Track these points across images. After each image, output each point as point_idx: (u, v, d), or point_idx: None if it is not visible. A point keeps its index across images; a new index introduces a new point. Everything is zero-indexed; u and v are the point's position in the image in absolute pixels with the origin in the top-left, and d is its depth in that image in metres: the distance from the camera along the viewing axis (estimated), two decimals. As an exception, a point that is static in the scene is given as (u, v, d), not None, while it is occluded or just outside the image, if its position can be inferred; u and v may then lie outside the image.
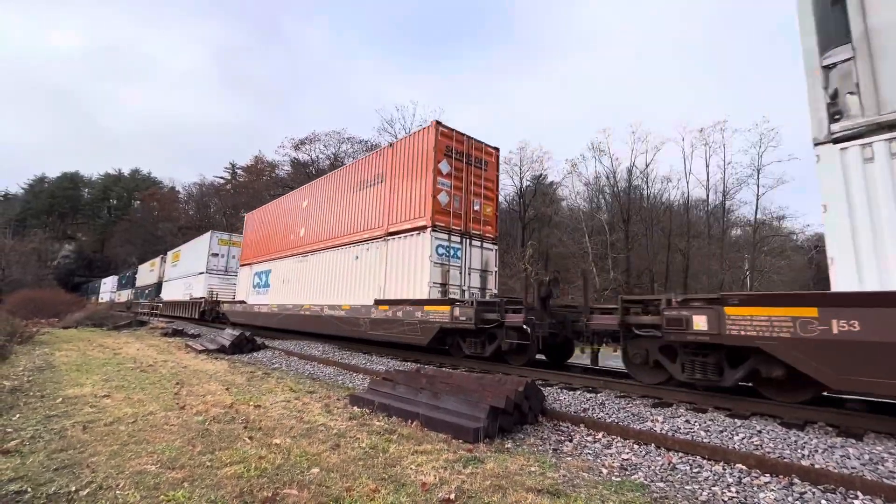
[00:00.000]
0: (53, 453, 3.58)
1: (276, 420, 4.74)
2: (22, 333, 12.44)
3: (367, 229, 11.10)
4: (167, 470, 3.24)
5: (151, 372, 7.82)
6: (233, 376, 7.66)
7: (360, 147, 41.94)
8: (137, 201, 73.65)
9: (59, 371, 7.75)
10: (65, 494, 2.83)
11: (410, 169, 10.06)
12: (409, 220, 9.77)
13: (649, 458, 3.87)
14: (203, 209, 61.42)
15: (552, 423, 4.90)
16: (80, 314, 22.28)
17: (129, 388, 6.34)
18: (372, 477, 3.19)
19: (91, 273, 66.55)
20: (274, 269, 15.76)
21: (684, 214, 35.62)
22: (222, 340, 11.89)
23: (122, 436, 4.05)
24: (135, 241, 61.34)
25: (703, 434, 4.27)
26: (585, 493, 3.05)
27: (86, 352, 10.60)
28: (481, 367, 7.95)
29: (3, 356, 8.84)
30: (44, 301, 25.02)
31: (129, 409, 5.08)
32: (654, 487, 3.25)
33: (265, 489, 2.92)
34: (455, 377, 5.42)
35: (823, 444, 3.86)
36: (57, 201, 76.30)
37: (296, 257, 14.31)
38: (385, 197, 10.71)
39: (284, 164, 48.91)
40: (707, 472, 3.52)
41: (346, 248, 11.82)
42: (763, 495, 3.09)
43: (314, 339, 13.80)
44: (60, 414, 4.83)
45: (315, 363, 9.64)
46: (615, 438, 4.37)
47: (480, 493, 2.95)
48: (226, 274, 23.78)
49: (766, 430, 4.24)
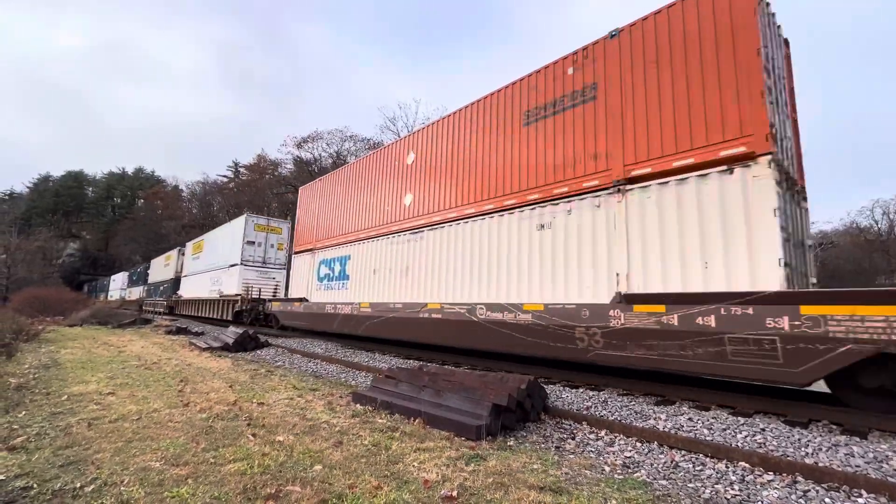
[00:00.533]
0: (59, 450, 3.60)
1: (279, 417, 4.76)
2: (28, 331, 12.53)
3: (568, 179, 6.71)
4: (171, 466, 3.26)
5: (156, 369, 7.86)
6: (236, 374, 7.70)
7: (363, 145, 41.93)
8: (141, 200, 73.94)
9: (65, 369, 7.80)
10: (70, 491, 2.85)
11: (684, 58, 5.69)
12: (699, 148, 5.42)
13: (652, 455, 3.87)
14: (206, 207, 61.58)
15: (555, 420, 4.90)
16: (85, 312, 22.40)
17: (134, 385, 6.37)
18: (375, 474, 3.20)
19: (96, 271, 66.94)
20: (355, 254, 11.62)
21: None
22: (226, 338, 11.95)
23: (127, 433, 4.08)
24: (139, 240, 61.66)
25: (706, 432, 4.27)
26: (588, 490, 3.05)
27: (91, 350, 10.67)
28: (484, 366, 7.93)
29: (10, 354, 8.91)
30: (49, 299, 25.17)
31: (134, 406, 5.11)
32: (656, 485, 3.25)
33: (268, 486, 2.94)
34: (457, 375, 5.43)
35: (827, 442, 3.85)
36: (61, 200, 76.74)
37: (398, 237, 10.16)
38: (609, 116, 6.34)
39: (287, 163, 48.93)
40: (710, 469, 3.51)
41: (513, 213, 7.50)
42: (766, 493, 3.08)
43: (318, 338, 13.78)
44: (66, 411, 4.87)
45: (318, 361, 9.67)
46: (618, 436, 4.36)
47: (483, 491, 2.95)
48: (264, 266, 19.78)
49: (770, 428, 4.23)
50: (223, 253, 21.12)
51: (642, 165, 5.92)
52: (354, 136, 43.74)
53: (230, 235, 20.87)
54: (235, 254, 19.58)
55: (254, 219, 20.05)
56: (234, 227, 20.66)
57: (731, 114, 5.21)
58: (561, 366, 7.44)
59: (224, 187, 61.95)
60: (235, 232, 20.22)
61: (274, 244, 20.12)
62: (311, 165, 43.30)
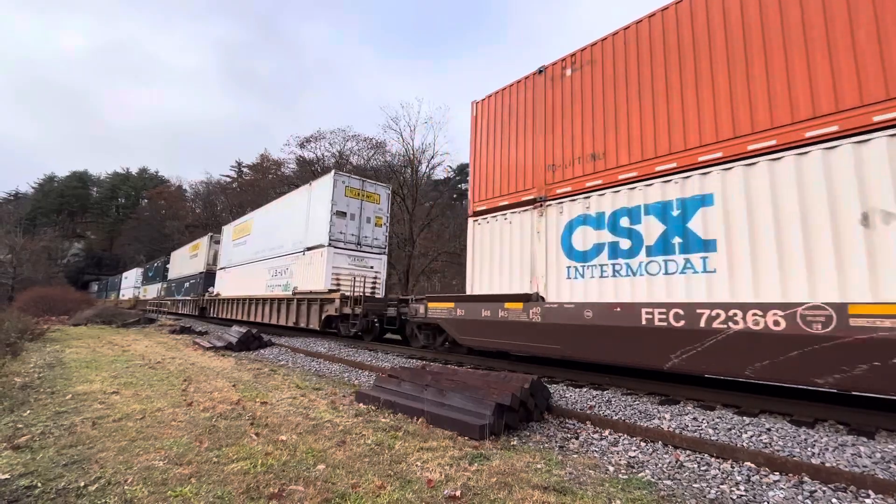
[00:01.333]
0: (63, 449, 3.61)
1: (282, 417, 4.76)
2: (33, 331, 12.60)
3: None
4: (175, 466, 3.26)
5: (159, 369, 7.89)
6: (239, 373, 7.71)
7: (366, 145, 41.95)
8: (145, 200, 74.32)
9: (69, 368, 7.83)
10: (74, 490, 2.85)
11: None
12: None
13: (656, 455, 3.85)
14: (210, 207, 61.77)
15: (558, 420, 4.88)
16: (89, 312, 22.54)
17: (138, 384, 6.39)
18: (378, 473, 3.19)
19: (100, 271, 67.34)
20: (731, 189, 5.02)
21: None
22: (229, 337, 11.99)
23: (131, 432, 4.09)
24: (143, 240, 61.99)
25: (711, 432, 4.24)
26: (592, 490, 3.03)
27: (95, 349, 10.72)
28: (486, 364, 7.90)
29: (15, 353, 8.96)
30: (54, 299, 25.34)
31: (138, 405, 5.12)
32: (661, 485, 3.22)
33: (271, 485, 2.93)
34: (460, 374, 5.41)
35: (834, 442, 3.81)
36: (66, 200, 77.26)
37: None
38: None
39: (290, 163, 48.97)
40: (715, 469, 3.48)
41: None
42: (772, 494, 3.05)
43: (318, 337, 13.63)
44: (70, 410, 4.88)
45: (321, 360, 9.67)
46: (622, 436, 4.34)
47: (486, 491, 2.94)
48: (359, 250, 13.45)
49: (776, 427, 4.19)
50: (292, 232, 14.90)
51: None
52: (357, 136, 43.77)
53: (304, 205, 14.50)
54: (318, 231, 13.21)
55: (344, 179, 13.44)
56: (315, 193, 14.04)
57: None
58: (564, 365, 7.41)
59: (227, 187, 62.16)
60: (317, 199, 13.77)
61: (371, 217, 13.77)
62: (314, 165, 43.34)
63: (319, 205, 13.57)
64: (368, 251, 13.64)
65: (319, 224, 13.30)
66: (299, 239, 14.34)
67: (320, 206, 13.50)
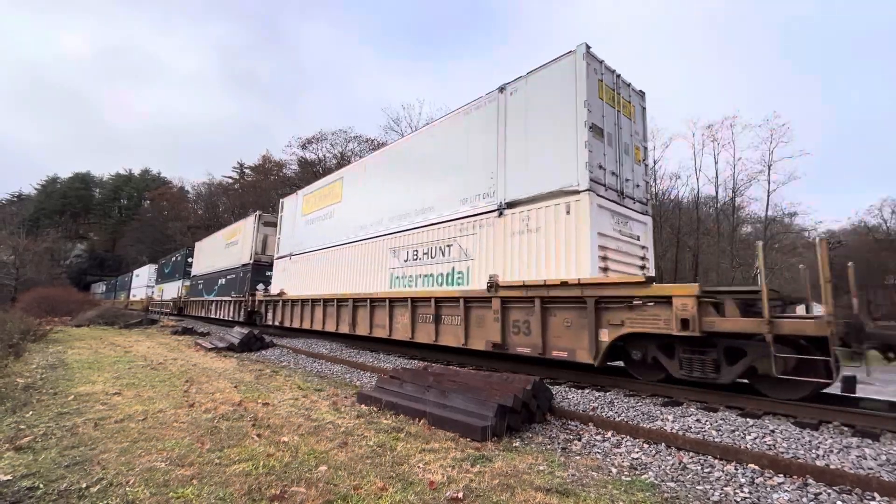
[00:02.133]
0: (65, 450, 3.61)
1: (284, 418, 4.76)
2: (35, 332, 12.64)
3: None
4: (176, 467, 3.25)
5: (161, 370, 7.89)
6: (241, 374, 7.71)
7: (367, 146, 42.01)
8: (147, 201, 74.47)
9: (72, 369, 7.85)
10: (76, 491, 2.85)
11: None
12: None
13: (659, 457, 3.83)
14: (212, 208, 61.95)
15: (560, 421, 4.86)
16: (92, 313, 22.60)
17: (140, 385, 6.40)
18: (380, 475, 3.18)
19: (103, 272, 67.46)
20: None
21: (694, 211, 35.21)
22: (231, 338, 11.98)
23: (133, 433, 4.09)
24: (145, 240, 62.14)
25: (715, 433, 4.21)
26: (595, 492, 3.02)
27: (97, 350, 10.74)
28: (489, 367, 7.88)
29: (18, 354, 8.98)
30: (57, 300, 25.41)
31: (140, 406, 5.13)
32: (664, 487, 3.21)
33: (273, 487, 2.93)
34: (462, 375, 5.40)
35: (839, 444, 3.78)
36: (69, 201, 77.49)
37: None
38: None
39: (292, 164, 49.18)
40: (719, 471, 3.46)
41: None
42: (776, 496, 3.03)
43: (321, 338, 13.72)
44: (72, 411, 4.89)
45: (323, 361, 9.67)
46: (625, 437, 4.32)
47: (488, 492, 2.93)
48: (621, 203, 7.00)
49: (780, 429, 4.17)
50: (464, 179, 8.38)
51: None
52: (358, 137, 43.88)
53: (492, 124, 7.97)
54: (550, 164, 6.87)
55: (596, 67, 6.87)
56: (531, 90, 7.37)
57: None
58: (566, 366, 7.38)
59: (229, 188, 62.30)
60: (540, 103, 7.21)
61: (629, 146, 7.41)
62: (316, 166, 43.44)
63: (546, 113, 7.10)
64: (631, 207, 7.36)
65: (552, 151, 6.92)
66: (483, 189, 7.95)
67: (549, 115, 7.04)
